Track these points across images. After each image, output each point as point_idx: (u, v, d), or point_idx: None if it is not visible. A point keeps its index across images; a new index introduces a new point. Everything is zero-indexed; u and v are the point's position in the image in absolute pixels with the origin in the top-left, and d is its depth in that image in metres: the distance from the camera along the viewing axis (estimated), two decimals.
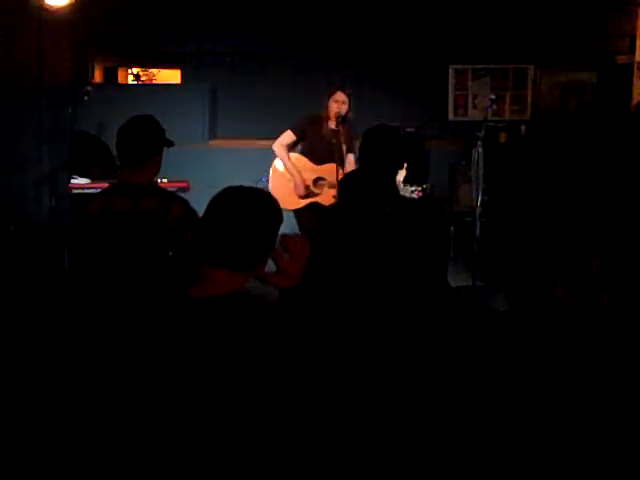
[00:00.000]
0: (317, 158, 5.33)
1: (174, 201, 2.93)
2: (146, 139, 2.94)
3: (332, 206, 3.55)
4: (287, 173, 5.38)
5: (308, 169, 5.36)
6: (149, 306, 1.92)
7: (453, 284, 5.85)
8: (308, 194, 5.35)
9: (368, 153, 3.04)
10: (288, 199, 5.27)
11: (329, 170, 5.23)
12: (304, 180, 5.33)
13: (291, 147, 5.44)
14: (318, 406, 1.93)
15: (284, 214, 2.08)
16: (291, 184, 5.35)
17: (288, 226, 4.96)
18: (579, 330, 3.04)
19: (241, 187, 1.96)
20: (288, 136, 5.38)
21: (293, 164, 5.35)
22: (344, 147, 5.11)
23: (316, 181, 5.34)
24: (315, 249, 2.18)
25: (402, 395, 2.77)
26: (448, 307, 3.19)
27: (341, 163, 5.07)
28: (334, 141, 5.15)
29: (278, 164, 5.44)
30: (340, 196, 3.39)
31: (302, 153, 5.42)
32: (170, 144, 3.01)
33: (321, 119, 5.31)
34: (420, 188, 5.27)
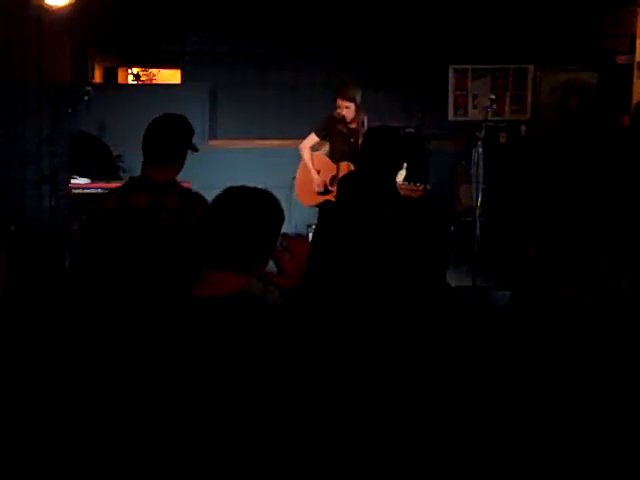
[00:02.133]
0: (338, 157, 5.54)
1: (194, 199, 2.92)
2: (178, 139, 2.91)
3: (332, 206, 3.56)
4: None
5: (326, 168, 5.58)
6: (152, 304, 1.91)
7: (453, 284, 5.86)
8: (325, 192, 5.55)
9: (368, 153, 3.05)
10: (308, 195, 5.54)
11: (344, 168, 5.43)
12: (323, 178, 5.57)
13: (316, 147, 5.70)
14: (319, 406, 1.93)
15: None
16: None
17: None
18: (588, 327, 3.05)
19: (242, 187, 1.95)
20: (311, 138, 5.63)
21: (314, 163, 5.63)
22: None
23: (333, 179, 5.48)
24: (316, 249, 2.18)
25: (402, 395, 2.77)
26: (447, 308, 3.20)
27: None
28: (352, 140, 5.29)
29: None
30: (339, 196, 3.40)
31: (327, 153, 5.67)
32: (195, 149, 3.00)
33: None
34: (422, 187, 5.26)
